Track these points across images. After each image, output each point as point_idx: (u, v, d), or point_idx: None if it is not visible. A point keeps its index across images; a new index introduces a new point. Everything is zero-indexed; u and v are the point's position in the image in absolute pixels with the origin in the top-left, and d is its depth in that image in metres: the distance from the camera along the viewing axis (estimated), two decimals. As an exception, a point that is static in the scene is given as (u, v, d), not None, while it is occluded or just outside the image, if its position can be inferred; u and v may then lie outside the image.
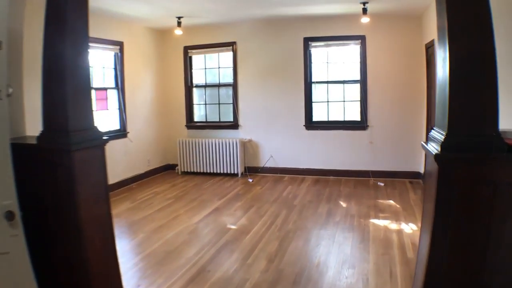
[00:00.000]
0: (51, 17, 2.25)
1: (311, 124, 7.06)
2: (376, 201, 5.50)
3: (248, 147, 7.41)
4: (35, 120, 2.58)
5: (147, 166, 7.27)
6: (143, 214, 5.18)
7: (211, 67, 7.68)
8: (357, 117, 6.87)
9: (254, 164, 7.40)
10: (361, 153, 6.81)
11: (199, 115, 7.83)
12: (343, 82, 6.90)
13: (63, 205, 2.27)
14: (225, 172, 7.30)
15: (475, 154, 1.77)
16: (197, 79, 7.75)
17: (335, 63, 6.97)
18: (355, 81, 6.81)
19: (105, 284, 2.48)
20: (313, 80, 7.03)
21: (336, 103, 7.01)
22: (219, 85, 7.61)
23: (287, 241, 4.12)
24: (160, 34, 7.60)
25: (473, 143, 1.77)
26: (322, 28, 6.78)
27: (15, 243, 2.22)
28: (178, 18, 6.35)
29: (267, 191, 6.23)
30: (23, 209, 2.53)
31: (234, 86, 7.38)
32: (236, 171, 7.23)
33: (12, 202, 1.97)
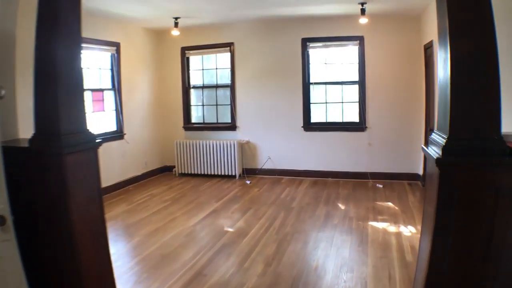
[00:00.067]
0: (43, 16, 2.20)
1: (309, 126, 7.02)
2: (375, 203, 5.46)
3: (246, 148, 7.37)
4: (29, 123, 2.54)
5: (144, 168, 7.22)
6: (140, 216, 5.13)
7: (209, 68, 7.64)
8: (355, 118, 6.84)
9: (252, 166, 7.36)
10: (359, 154, 6.78)
11: (196, 116, 7.79)
12: (342, 83, 6.86)
13: (55, 209, 2.22)
14: (222, 174, 7.26)
15: (477, 158, 1.74)
16: (195, 80, 7.71)
17: (333, 64, 6.93)
18: (354, 82, 6.78)
19: (98, 290, 2.43)
20: (311, 81, 7.00)
21: (334, 104, 6.97)
22: (216, 86, 7.57)
23: (285, 244, 4.08)
24: (157, 35, 7.55)
25: (475, 147, 1.73)
26: (320, 29, 6.74)
27: (6, 248, 2.18)
28: (175, 18, 6.31)
29: (265, 193, 6.19)
30: (15, 214, 2.49)
31: (232, 87, 7.34)
32: (233, 173, 7.19)
33: (3, 207, 1.93)
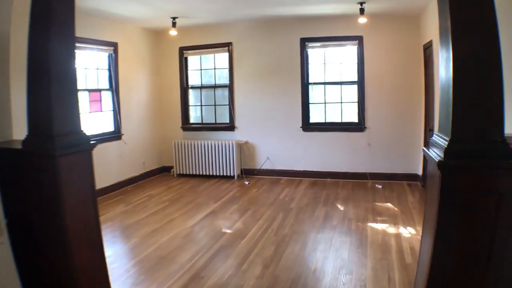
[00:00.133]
0: (36, 15, 2.17)
1: (308, 126, 6.98)
2: (374, 204, 5.42)
3: (244, 149, 7.33)
4: (24, 124, 2.50)
5: (142, 168, 7.18)
6: (137, 217, 5.09)
7: (207, 68, 7.60)
8: (354, 118, 6.80)
9: (250, 166, 7.32)
10: (358, 155, 6.74)
11: (194, 116, 7.75)
12: (340, 83, 6.82)
13: (48, 212, 2.19)
14: (221, 174, 7.22)
15: (480, 162, 1.70)
16: (193, 80, 7.67)
17: (332, 64, 6.90)
18: (353, 82, 6.74)
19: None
20: (310, 81, 6.96)
21: (333, 104, 6.93)
22: (215, 86, 7.53)
23: (283, 246, 4.04)
24: (155, 35, 7.51)
25: (477, 150, 1.69)
26: (319, 29, 6.71)
27: (0, 250, 2.14)
28: (173, 18, 6.27)
29: (263, 194, 6.15)
30: (8, 216, 2.45)
31: (230, 87, 7.31)
32: (232, 173, 7.15)
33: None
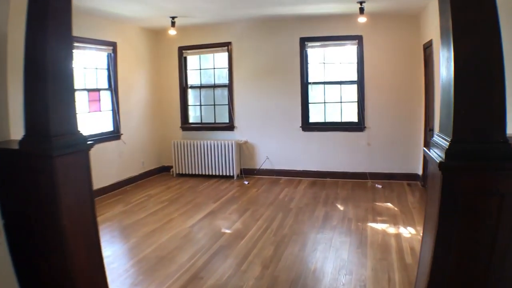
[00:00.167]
0: (33, 15, 2.15)
1: (307, 126, 6.97)
2: (374, 204, 5.41)
3: (244, 148, 7.31)
4: (22, 124, 2.48)
5: (141, 168, 7.16)
6: (136, 217, 5.07)
7: (206, 67, 7.58)
8: (354, 118, 6.78)
9: (250, 166, 7.30)
10: (358, 154, 6.72)
11: (194, 116, 7.73)
12: (340, 82, 6.80)
13: (45, 212, 2.17)
14: (220, 174, 7.20)
15: (482, 163, 1.68)
16: (192, 80, 7.65)
17: (332, 63, 6.87)
18: (352, 82, 6.72)
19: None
20: (309, 81, 6.94)
21: (333, 104, 6.91)
22: (214, 86, 7.51)
23: (283, 246, 4.02)
24: (154, 34, 7.49)
25: (479, 151, 1.67)
26: (318, 28, 6.68)
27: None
28: (172, 18, 6.25)
29: (263, 194, 6.13)
30: (6, 217, 2.44)
31: (230, 87, 7.29)
32: (231, 173, 7.13)
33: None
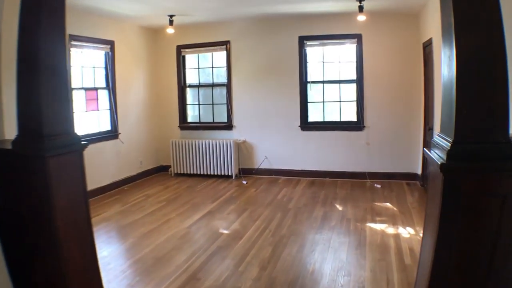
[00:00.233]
0: (26, 11, 2.11)
1: (306, 125, 6.93)
2: (373, 204, 5.38)
3: (242, 148, 7.27)
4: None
5: (139, 168, 7.12)
6: (134, 217, 5.03)
7: (205, 66, 7.54)
8: (353, 117, 6.75)
9: (248, 166, 7.26)
10: (357, 154, 6.69)
11: (192, 115, 7.69)
12: (339, 81, 6.77)
13: (39, 213, 2.14)
14: (219, 173, 7.16)
15: (484, 164, 1.64)
16: (190, 79, 7.61)
17: (331, 62, 6.84)
18: (351, 81, 6.69)
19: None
20: (308, 80, 6.90)
21: (332, 103, 6.88)
22: (212, 85, 7.47)
23: (281, 247, 3.99)
24: (152, 33, 7.44)
25: (481, 151, 1.64)
26: (317, 27, 6.65)
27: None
28: (170, 16, 6.20)
29: (261, 194, 6.10)
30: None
31: (228, 86, 7.25)
32: (230, 173, 7.10)
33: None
